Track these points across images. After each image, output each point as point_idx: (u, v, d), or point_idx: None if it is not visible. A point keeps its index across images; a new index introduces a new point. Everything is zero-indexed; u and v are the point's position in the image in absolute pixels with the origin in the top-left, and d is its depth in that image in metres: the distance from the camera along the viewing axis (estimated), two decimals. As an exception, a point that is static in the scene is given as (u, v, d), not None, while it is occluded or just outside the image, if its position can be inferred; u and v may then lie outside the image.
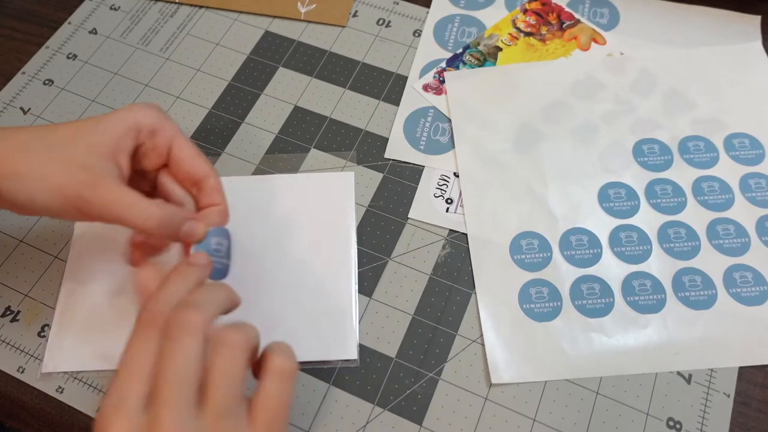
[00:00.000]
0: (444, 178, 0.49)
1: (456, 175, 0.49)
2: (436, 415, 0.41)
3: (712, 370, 0.41)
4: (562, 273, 0.44)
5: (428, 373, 0.42)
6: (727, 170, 0.48)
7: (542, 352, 0.42)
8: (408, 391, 0.41)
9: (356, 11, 0.57)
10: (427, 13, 0.57)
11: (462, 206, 0.47)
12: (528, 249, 0.45)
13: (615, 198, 0.47)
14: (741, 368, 0.42)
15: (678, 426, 0.40)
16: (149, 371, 0.28)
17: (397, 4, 0.57)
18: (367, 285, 0.45)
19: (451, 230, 0.47)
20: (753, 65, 0.52)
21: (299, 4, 0.57)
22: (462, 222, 0.47)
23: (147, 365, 0.29)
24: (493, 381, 0.41)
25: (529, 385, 0.41)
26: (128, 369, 0.29)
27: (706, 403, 0.41)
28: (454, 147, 0.50)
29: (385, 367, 0.42)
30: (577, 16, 0.56)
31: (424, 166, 0.49)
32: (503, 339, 0.42)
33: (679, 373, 0.41)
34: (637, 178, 0.48)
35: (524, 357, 0.42)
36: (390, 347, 0.43)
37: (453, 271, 0.45)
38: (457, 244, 0.46)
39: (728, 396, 0.41)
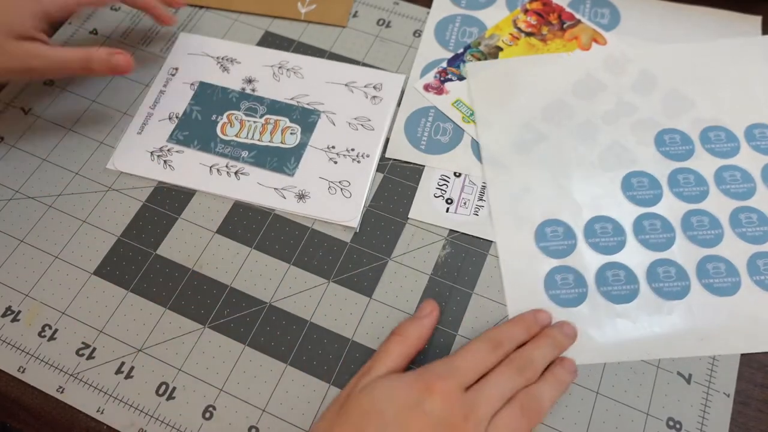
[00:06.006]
0: (444, 178, 0.49)
1: (456, 174, 0.49)
2: (436, 415, 0.41)
3: (711, 370, 0.42)
4: (587, 260, 0.45)
5: (428, 373, 0.42)
6: (749, 160, 0.49)
7: None
8: (408, 391, 0.41)
9: (356, 11, 0.57)
10: (428, 13, 0.57)
11: (462, 206, 0.47)
12: (553, 236, 0.46)
13: (638, 187, 0.48)
14: (741, 368, 0.42)
15: (678, 426, 0.40)
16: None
17: (397, 4, 0.57)
18: (367, 285, 0.45)
19: (451, 230, 0.47)
20: (755, 62, 0.52)
21: (299, 4, 0.57)
22: (462, 222, 0.47)
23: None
24: None
25: (529, 385, 0.41)
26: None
27: (706, 403, 0.41)
28: (454, 147, 0.50)
29: (385, 367, 0.42)
30: (577, 16, 0.56)
31: (424, 166, 0.49)
32: None
33: (679, 373, 0.41)
34: (660, 167, 0.48)
35: None
36: (390, 347, 0.43)
37: (453, 271, 0.45)
38: (458, 244, 0.46)
39: (728, 396, 0.41)
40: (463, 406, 0.34)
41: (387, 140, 0.50)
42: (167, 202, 0.48)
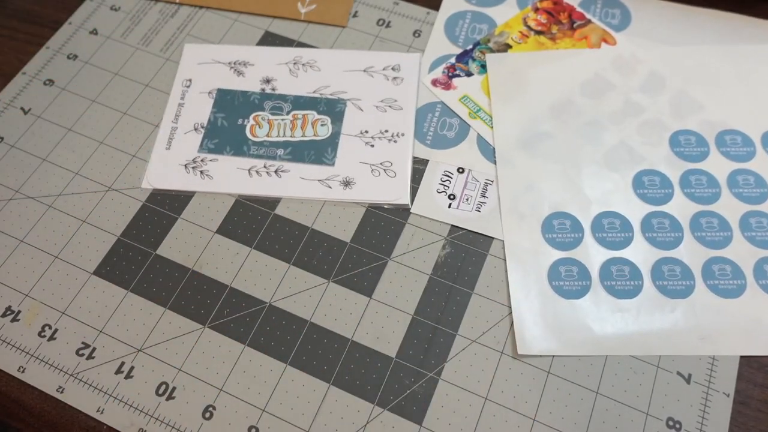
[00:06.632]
0: (447, 174, 0.49)
1: (460, 171, 0.49)
2: (436, 415, 0.41)
3: (711, 370, 0.42)
4: (593, 254, 0.45)
5: (428, 373, 0.42)
6: (764, 165, 0.49)
7: (569, 327, 0.43)
8: (408, 391, 0.41)
9: (356, 11, 0.57)
10: (428, 13, 0.57)
11: (465, 202, 0.47)
12: (560, 228, 0.46)
13: (649, 185, 0.48)
14: (740, 368, 0.42)
15: (677, 426, 0.40)
16: None
17: (397, 4, 0.57)
18: (367, 285, 0.45)
19: (451, 229, 0.47)
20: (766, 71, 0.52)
21: (299, 4, 0.57)
22: (464, 218, 0.47)
23: None
24: (520, 352, 0.42)
25: (529, 385, 0.41)
26: None
27: (706, 403, 0.41)
28: (460, 142, 0.50)
29: (385, 367, 0.42)
30: (588, 16, 0.55)
31: (428, 161, 0.49)
32: (532, 312, 0.43)
33: (678, 373, 0.41)
34: (673, 167, 0.49)
35: (552, 331, 0.43)
36: (390, 347, 0.43)
37: (453, 271, 0.45)
38: (458, 244, 0.46)
39: (728, 396, 0.41)
40: None
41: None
42: (167, 202, 0.48)
